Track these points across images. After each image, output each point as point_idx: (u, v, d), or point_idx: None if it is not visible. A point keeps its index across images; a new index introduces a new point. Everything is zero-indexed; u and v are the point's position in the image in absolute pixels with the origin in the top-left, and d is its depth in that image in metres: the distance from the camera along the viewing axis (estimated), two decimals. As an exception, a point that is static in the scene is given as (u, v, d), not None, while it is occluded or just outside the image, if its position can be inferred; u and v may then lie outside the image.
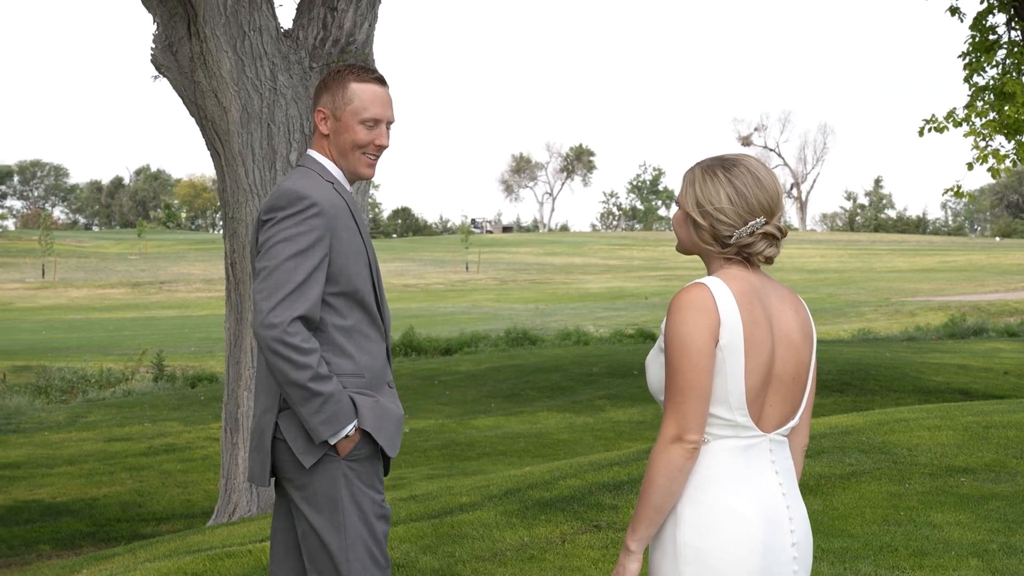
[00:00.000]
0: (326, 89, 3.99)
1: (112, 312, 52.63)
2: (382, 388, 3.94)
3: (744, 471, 3.07)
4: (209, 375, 23.91)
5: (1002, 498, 7.39)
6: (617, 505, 7.31)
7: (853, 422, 9.72)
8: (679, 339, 3.01)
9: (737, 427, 3.07)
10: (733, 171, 3.12)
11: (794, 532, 3.11)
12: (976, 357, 22.82)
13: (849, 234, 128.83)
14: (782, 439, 3.17)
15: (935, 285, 53.20)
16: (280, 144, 10.02)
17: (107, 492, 12.74)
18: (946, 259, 77.49)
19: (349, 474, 3.80)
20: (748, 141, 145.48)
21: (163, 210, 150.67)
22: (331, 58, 10.20)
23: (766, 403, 3.11)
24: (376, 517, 3.84)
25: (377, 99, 3.98)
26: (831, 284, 55.88)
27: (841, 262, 78.97)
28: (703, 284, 3.06)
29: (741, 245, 3.11)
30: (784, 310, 3.15)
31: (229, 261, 10.28)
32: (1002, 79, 13.48)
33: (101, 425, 17.37)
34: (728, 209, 3.09)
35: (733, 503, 3.03)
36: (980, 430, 9.04)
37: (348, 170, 4.01)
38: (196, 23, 9.75)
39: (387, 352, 4.01)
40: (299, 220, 3.74)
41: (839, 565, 6.27)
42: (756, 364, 3.06)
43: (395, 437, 3.91)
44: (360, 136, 3.94)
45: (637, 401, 17.68)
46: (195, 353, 29.99)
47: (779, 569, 3.07)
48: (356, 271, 3.85)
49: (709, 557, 3.02)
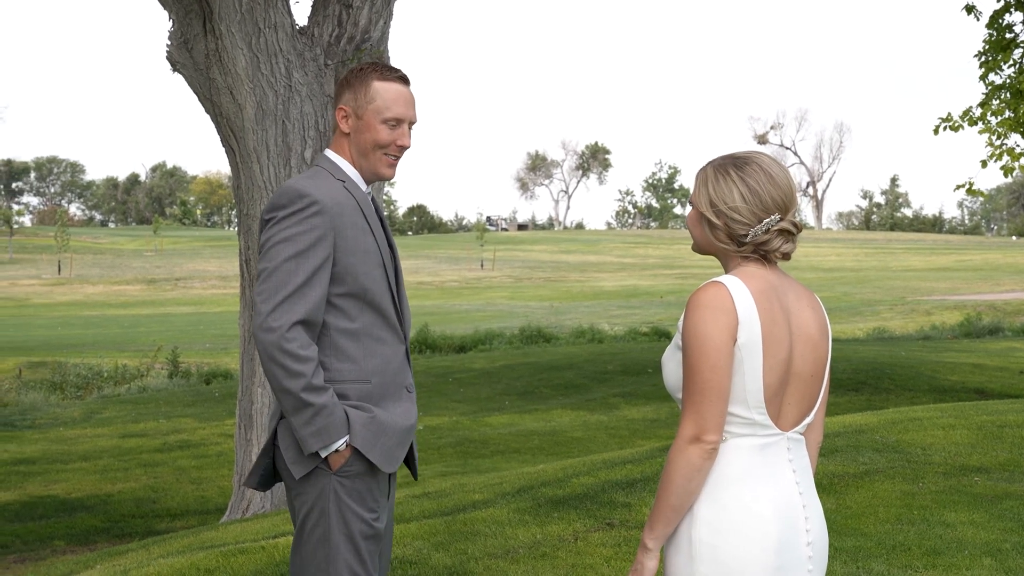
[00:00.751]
0: (348, 87, 3.89)
1: (127, 308, 52.79)
2: (398, 393, 3.82)
3: (762, 469, 3.06)
4: (224, 372, 23.96)
5: (1016, 497, 7.37)
6: (630, 503, 7.30)
7: (867, 421, 9.69)
8: (697, 338, 3.00)
9: (755, 425, 3.06)
10: (745, 169, 3.10)
11: (810, 531, 3.11)
12: (992, 356, 22.75)
13: (865, 233, 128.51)
14: (799, 437, 3.16)
15: (951, 284, 53.03)
16: (295, 141, 10.03)
17: (121, 488, 12.78)
18: (962, 258, 77.23)
19: (339, 489, 3.69)
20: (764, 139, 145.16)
21: (179, 207, 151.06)
22: (346, 55, 10.22)
23: (784, 401, 3.10)
24: (363, 537, 3.72)
25: (400, 98, 3.88)
26: (847, 283, 55.75)
27: (857, 261, 78.78)
28: (720, 283, 3.04)
29: (757, 243, 3.10)
30: (802, 307, 3.14)
31: (244, 258, 10.30)
32: (1018, 78, 13.44)
33: (116, 421, 17.43)
34: (742, 208, 3.08)
35: (750, 502, 3.03)
36: (994, 429, 9.01)
37: (368, 169, 3.91)
38: (211, 20, 9.77)
39: (406, 354, 3.88)
40: (299, 219, 3.65)
41: (852, 564, 6.25)
42: (774, 362, 3.04)
43: (394, 451, 3.77)
44: (382, 136, 3.84)
45: (651, 399, 17.66)
46: (210, 350, 30.06)
47: (794, 568, 3.06)
48: (365, 271, 3.74)
49: (724, 555, 3.02)
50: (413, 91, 3.98)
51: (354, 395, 3.73)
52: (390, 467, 3.75)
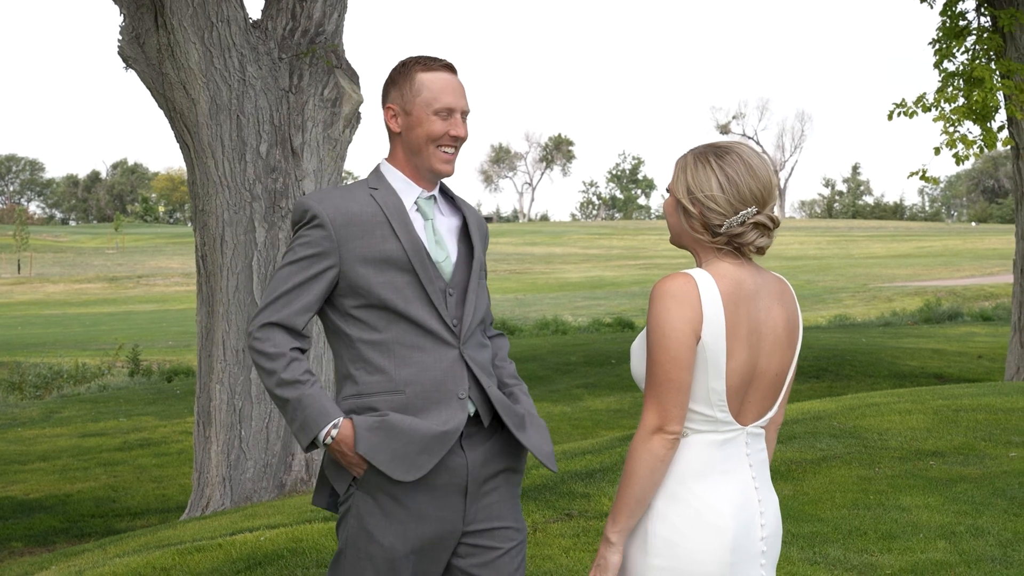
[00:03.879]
0: (393, 84, 3.73)
1: (89, 307, 52.39)
2: (446, 401, 3.59)
3: (721, 465, 3.06)
4: (186, 369, 23.80)
5: (970, 481, 7.43)
6: (589, 493, 7.31)
7: (825, 407, 9.75)
8: (659, 329, 2.98)
9: (716, 422, 3.06)
10: (725, 158, 3.07)
11: (764, 526, 3.11)
12: (951, 341, 22.93)
13: (827, 221, 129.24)
14: (759, 431, 3.16)
15: (911, 270, 53.41)
16: (250, 136, 9.98)
17: (81, 488, 12.68)
18: (923, 245, 77.80)
19: (362, 506, 3.56)
20: (727, 129, 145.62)
21: (140, 204, 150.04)
22: (300, 48, 10.17)
23: (747, 399, 3.09)
24: (382, 559, 3.53)
25: (448, 87, 3.71)
26: (809, 271, 56.04)
27: (819, 248, 79.21)
28: (689, 275, 3.01)
29: (732, 235, 3.06)
30: (772, 306, 3.11)
31: (200, 254, 10.24)
32: (971, 65, 13.56)
33: (75, 420, 17.29)
34: (719, 197, 3.04)
35: (708, 498, 3.03)
36: (950, 413, 9.09)
37: (424, 168, 3.71)
38: (163, 14, 9.70)
39: (460, 358, 3.64)
40: (303, 232, 3.62)
41: (809, 550, 6.29)
42: (737, 364, 3.03)
43: (415, 458, 3.51)
44: (435, 128, 3.67)
45: (615, 390, 17.69)
46: (172, 347, 29.88)
47: (747, 562, 3.07)
48: (382, 280, 3.59)
49: (680, 550, 3.02)
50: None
51: (385, 407, 3.58)
52: (405, 475, 3.50)
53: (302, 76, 10.11)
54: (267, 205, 10.01)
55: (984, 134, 13.59)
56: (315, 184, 10.14)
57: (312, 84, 10.13)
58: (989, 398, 9.67)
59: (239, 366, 9.90)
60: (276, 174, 10.02)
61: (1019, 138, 13.85)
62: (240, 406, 9.88)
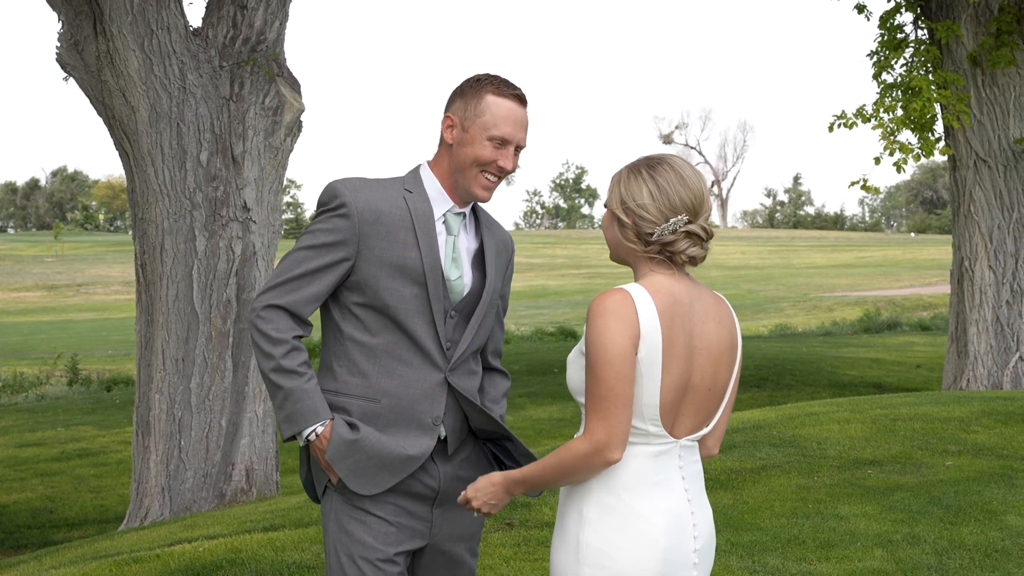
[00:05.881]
0: (460, 95, 3.67)
1: (27, 316, 51.70)
2: (417, 423, 3.57)
3: (654, 477, 3.08)
4: (126, 378, 23.55)
5: (907, 489, 7.52)
6: (530, 503, 7.31)
7: (765, 416, 9.82)
8: (601, 346, 2.99)
9: (649, 435, 3.08)
10: (657, 168, 3.12)
11: (697, 539, 3.14)
12: (890, 351, 23.19)
13: (769, 231, 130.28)
14: (692, 444, 3.18)
15: (852, 280, 53.97)
16: (190, 144, 9.91)
17: (17, 499, 12.51)
18: (863, 255, 78.62)
19: (340, 509, 3.57)
20: (669, 139, 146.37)
21: (81, 212, 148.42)
22: (241, 57, 10.12)
23: (680, 413, 3.12)
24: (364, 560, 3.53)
25: (511, 117, 3.62)
26: (751, 280, 56.47)
27: (761, 258, 79.84)
28: (626, 291, 3.02)
29: (663, 243, 3.09)
30: (707, 320, 3.13)
31: (139, 263, 10.15)
32: (909, 76, 13.74)
33: (12, 431, 17.05)
34: (649, 205, 3.08)
35: (640, 508, 3.05)
36: (888, 423, 9.18)
37: (463, 187, 3.66)
38: (102, 21, 9.62)
39: (445, 383, 3.60)
40: (326, 217, 3.56)
41: (748, 558, 6.33)
42: (671, 379, 3.05)
43: (374, 475, 3.52)
44: (485, 153, 3.60)
45: (557, 399, 17.72)
46: (112, 356, 29.56)
47: (679, 573, 3.09)
48: (391, 286, 3.54)
49: (610, 560, 3.04)
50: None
51: (356, 412, 3.56)
52: (361, 488, 3.52)
53: (243, 84, 10.06)
54: (207, 214, 9.94)
55: (922, 143, 13.78)
56: (256, 193, 10.09)
57: (253, 92, 10.08)
58: (926, 407, 9.79)
59: (179, 375, 9.82)
60: (216, 182, 9.96)
61: (956, 148, 14.05)
62: (180, 416, 9.80)
